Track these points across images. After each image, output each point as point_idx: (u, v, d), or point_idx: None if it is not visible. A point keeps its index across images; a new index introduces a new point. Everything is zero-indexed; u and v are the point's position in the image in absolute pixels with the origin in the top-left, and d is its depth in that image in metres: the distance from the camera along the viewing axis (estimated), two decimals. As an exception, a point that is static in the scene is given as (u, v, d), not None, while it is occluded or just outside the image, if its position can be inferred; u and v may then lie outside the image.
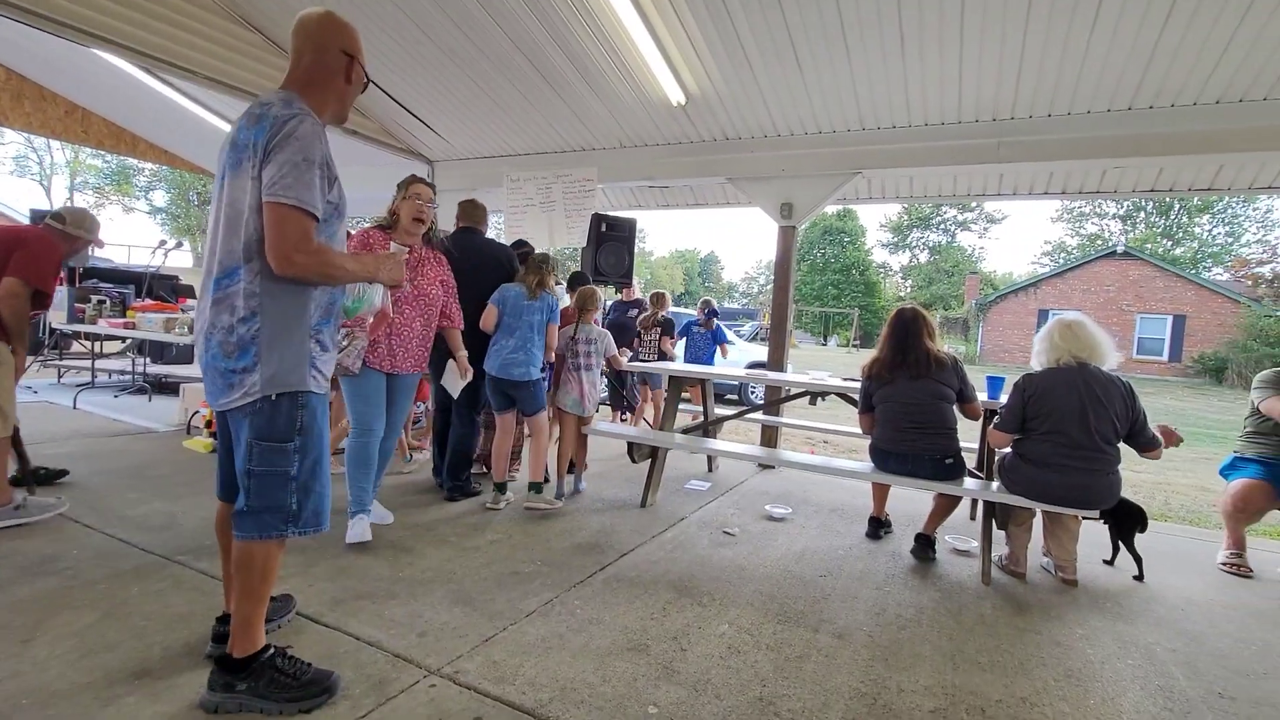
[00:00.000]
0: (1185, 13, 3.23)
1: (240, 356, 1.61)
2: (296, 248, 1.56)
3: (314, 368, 1.70)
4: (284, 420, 1.65)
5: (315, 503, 1.72)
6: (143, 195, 31.37)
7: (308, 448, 1.69)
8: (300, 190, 1.55)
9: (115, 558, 2.65)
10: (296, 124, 1.58)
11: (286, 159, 1.55)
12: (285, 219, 1.55)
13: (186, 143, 7.72)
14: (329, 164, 1.65)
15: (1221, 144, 3.91)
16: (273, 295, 1.61)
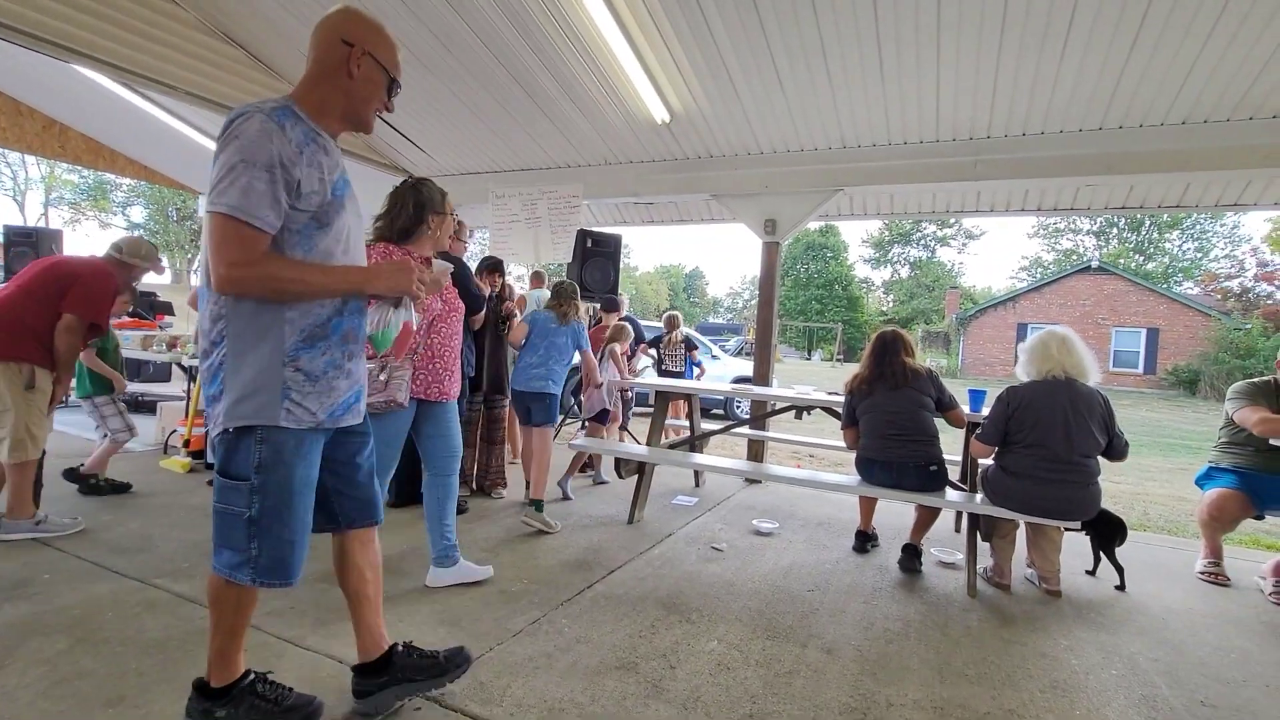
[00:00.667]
0: (1150, 39, 3.35)
1: (211, 383, 1.49)
2: (228, 261, 1.36)
3: (289, 399, 1.47)
4: (241, 456, 1.48)
5: (277, 550, 1.52)
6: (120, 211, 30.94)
7: (268, 488, 1.48)
8: (233, 196, 1.35)
9: (89, 581, 2.58)
10: (241, 123, 1.39)
11: (224, 162, 1.37)
12: (215, 230, 1.36)
13: (166, 158, 7.65)
14: (285, 165, 1.40)
15: (1188, 163, 4.04)
16: (237, 316, 1.45)
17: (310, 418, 1.51)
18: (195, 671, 1.96)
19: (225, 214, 1.35)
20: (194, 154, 7.11)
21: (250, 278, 1.38)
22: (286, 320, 1.46)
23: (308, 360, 1.49)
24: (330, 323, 1.53)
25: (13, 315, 2.85)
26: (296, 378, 1.48)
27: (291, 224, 1.44)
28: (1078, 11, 3.27)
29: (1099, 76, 3.69)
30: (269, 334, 1.45)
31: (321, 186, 1.47)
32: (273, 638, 2.21)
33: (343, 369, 1.57)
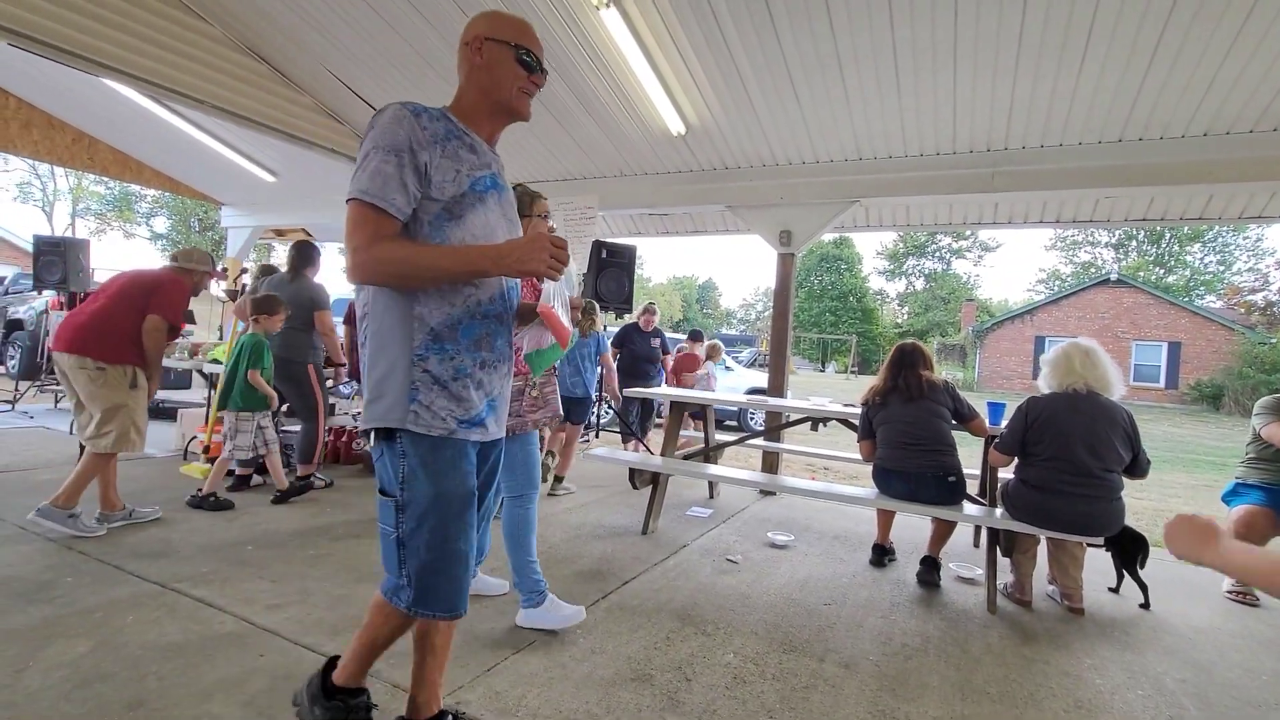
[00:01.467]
0: (1170, 51, 3.33)
1: (365, 381, 1.43)
2: (353, 246, 1.30)
3: (417, 400, 1.36)
4: (387, 467, 1.39)
5: (428, 577, 1.38)
6: (144, 221, 31.59)
7: (413, 505, 1.36)
8: (363, 180, 1.31)
9: (110, 585, 2.61)
10: (378, 115, 1.36)
11: (362, 150, 1.35)
12: (349, 217, 1.32)
13: (190, 170, 7.82)
14: (415, 149, 1.32)
15: (1210, 175, 3.99)
16: (375, 313, 1.40)
17: (442, 424, 1.37)
18: (215, 676, 1.98)
19: (355, 198, 1.31)
20: (217, 165, 7.27)
21: (371, 261, 1.30)
22: (415, 316, 1.37)
23: (436, 362, 1.38)
24: (460, 325, 1.40)
25: (111, 324, 3.15)
26: (425, 379, 1.37)
27: (424, 214, 1.36)
28: (1096, 23, 3.26)
29: (1118, 88, 3.67)
30: (399, 330, 1.38)
31: (457, 179, 1.38)
32: (289, 643, 2.22)
33: (473, 378, 1.43)
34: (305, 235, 9.59)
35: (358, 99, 5.41)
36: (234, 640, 2.22)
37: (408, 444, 1.36)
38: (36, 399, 7.40)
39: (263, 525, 3.51)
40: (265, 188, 7.65)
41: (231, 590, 2.62)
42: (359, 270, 1.31)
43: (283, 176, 7.32)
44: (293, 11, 4.48)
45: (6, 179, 31.23)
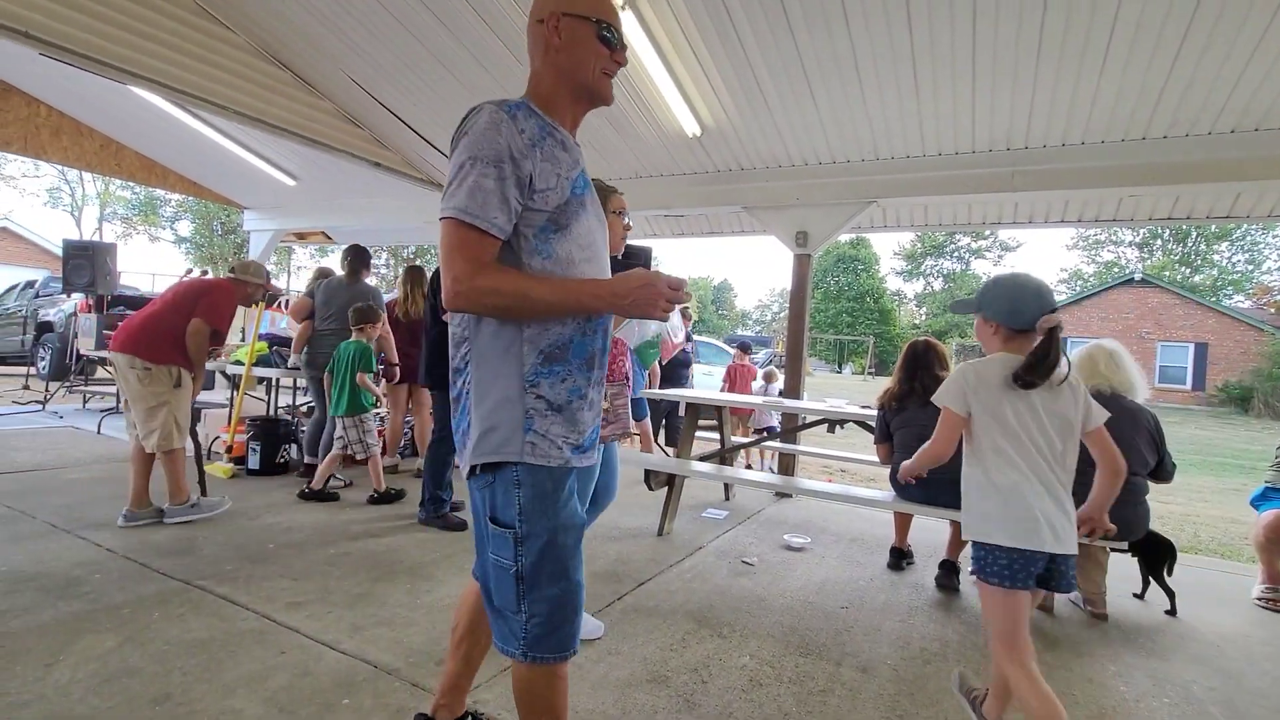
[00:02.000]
0: (1196, 46, 3.26)
1: (459, 415, 1.30)
2: (454, 274, 1.17)
3: (532, 430, 1.23)
4: (502, 499, 1.25)
5: (550, 615, 1.24)
6: (169, 225, 32.23)
7: (532, 537, 1.23)
8: (461, 197, 1.16)
9: (137, 582, 2.66)
10: (471, 118, 1.23)
11: (454, 162, 1.21)
12: (444, 237, 1.19)
13: (214, 174, 7.96)
14: (516, 158, 1.19)
15: (1238, 172, 3.91)
16: (479, 337, 1.25)
17: (558, 453, 1.25)
18: (237, 672, 2.02)
19: (453, 218, 1.17)
20: (239, 170, 7.40)
21: (473, 292, 1.17)
22: (525, 339, 1.24)
23: (549, 386, 1.25)
24: (571, 344, 1.27)
25: (161, 327, 3.38)
26: (539, 406, 1.24)
27: (526, 226, 1.23)
28: (1119, 20, 3.21)
29: (1142, 86, 3.60)
30: (509, 355, 1.24)
31: (559, 184, 1.26)
32: (309, 640, 2.26)
33: (586, 398, 1.31)
34: (325, 238, 9.73)
35: (376, 103, 5.47)
36: (256, 637, 2.26)
37: (524, 474, 1.23)
38: (66, 399, 7.58)
39: (284, 524, 3.56)
40: (286, 191, 7.77)
41: (254, 588, 2.67)
42: (460, 300, 1.18)
43: (302, 180, 7.43)
44: (314, 18, 4.55)
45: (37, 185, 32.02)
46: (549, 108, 1.34)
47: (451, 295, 1.18)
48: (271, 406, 5.81)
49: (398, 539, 3.44)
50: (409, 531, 3.58)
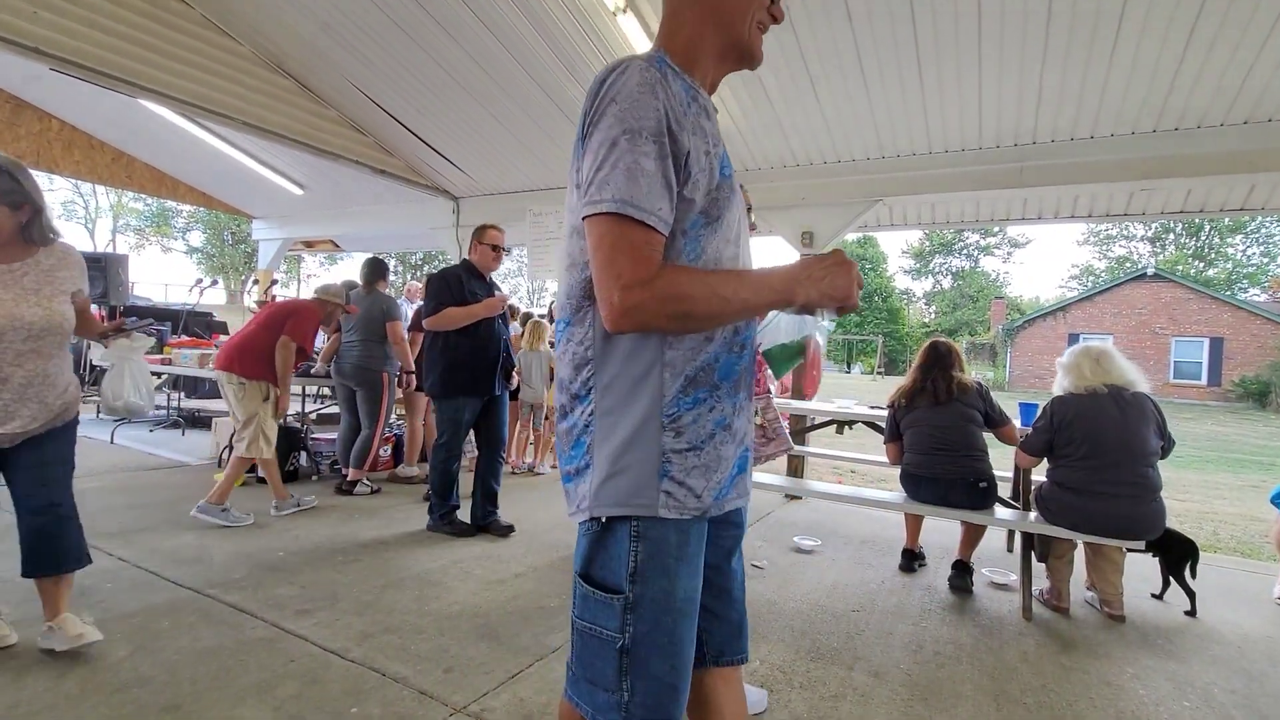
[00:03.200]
0: (1206, 36, 3.21)
1: (573, 450, 1.05)
2: (624, 281, 0.90)
3: (668, 477, 0.99)
4: (611, 557, 1.00)
5: (657, 695, 1.00)
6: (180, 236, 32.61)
7: (646, 605, 0.99)
8: (619, 183, 0.90)
9: (148, 591, 2.68)
10: (616, 79, 0.94)
11: (601, 139, 0.93)
12: (601, 240, 0.92)
13: (223, 185, 8.04)
14: (674, 130, 0.94)
15: (1252, 164, 3.84)
16: (609, 360, 1.00)
17: (695, 502, 1.01)
18: (246, 681, 2.02)
19: (613, 212, 0.90)
20: (248, 180, 7.47)
21: (650, 301, 0.90)
22: (666, 363, 0.99)
23: (690, 419, 1.01)
24: (718, 364, 1.03)
25: (256, 346, 3.74)
26: (676, 445, 1.00)
27: (678, 220, 0.97)
28: (1128, 9, 3.17)
29: (1152, 77, 3.55)
30: (646, 384, 0.99)
31: (709, 164, 1.00)
32: (317, 648, 2.25)
33: (731, 429, 1.06)
34: (334, 246, 9.79)
35: (381, 111, 5.50)
36: (265, 645, 2.26)
37: (644, 528, 0.99)
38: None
39: (293, 531, 3.57)
40: (293, 200, 7.83)
41: (263, 596, 2.68)
42: (634, 316, 0.90)
43: (310, 189, 7.49)
44: (318, 28, 4.58)
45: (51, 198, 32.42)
46: (689, 65, 1.07)
47: (621, 310, 0.90)
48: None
49: (406, 546, 3.44)
50: (418, 538, 3.58)
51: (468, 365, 3.58)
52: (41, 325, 1.99)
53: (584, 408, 1.03)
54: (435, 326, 3.58)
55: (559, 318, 1.08)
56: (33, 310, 1.98)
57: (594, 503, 1.01)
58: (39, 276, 2.04)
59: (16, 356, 1.97)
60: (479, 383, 3.62)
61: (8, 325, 1.93)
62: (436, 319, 3.56)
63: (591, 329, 1.01)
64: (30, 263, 2.03)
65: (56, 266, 2.09)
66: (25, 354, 1.99)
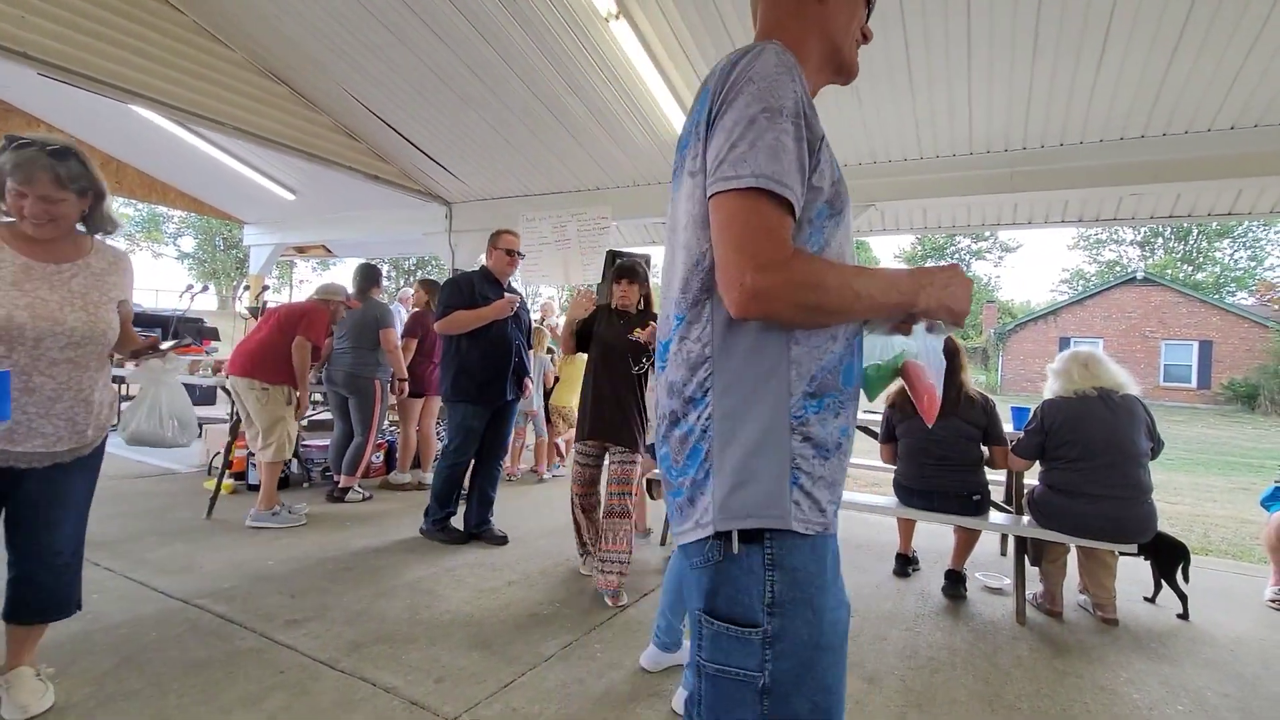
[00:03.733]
0: (1193, 42, 3.25)
1: (689, 459, 0.94)
2: (758, 261, 0.82)
3: (798, 486, 0.89)
4: (745, 583, 0.89)
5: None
6: (171, 241, 32.45)
7: (788, 639, 0.87)
8: (761, 159, 0.84)
9: (135, 602, 2.64)
10: (750, 61, 0.90)
11: (737, 118, 0.86)
12: (734, 217, 0.85)
13: (214, 190, 8.00)
14: (809, 116, 0.91)
15: (1239, 169, 3.88)
16: (730, 356, 0.91)
17: (820, 518, 0.92)
18: (235, 693, 1.99)
19: (753, 188, 0.83)
20: (239, 185, 7.43)
21: (785, 286, 0.83)
22: (793, 360, 0.91)
23: (819, 424, 0.92)
24: (842, 366, 0.95)
25: (274, 351, 3.78)
26: (804, 451, 0.90)
27: (804, 209, 0.92)
28: (1116, 15, 3.20)
29: (1139, 83, 3.59)
30: (771, 383, 0.90)
31: (831, 155, 0.98)
32: (307, 659, 2.23)
33: (851, 438, 1.00)
34: (326, 251, 9.76)
35: (373, 117, 5.49)
36: (254, 656, 2.23)
37: (779, 547, 0.88)
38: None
39: (284, 540, 3.54)
40: (285, 206, 7.80)
41: (252, 606, 2.65)
42: (766, 299, 0.83)
43: (302, 194, 7.46)
44: (310, 34, 4.57)
45: (41, 203, 32.17)
46: None
47: (752, 293, 0.82)
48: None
49: (399, 554, 3.41)
50: (410, 546, 3.55)
51: (477, 370, 3.53)
52: (84, 333, 1.77)
53: (700, 411, 0.93)
54: (444, 330, 3.55)
55: (669, 319, 0.98)
56: (77, 315, 1.76)
57: (719, 516, 0.89)
58: (88, 280, 1.82)
59: (50, 365, 1.73)
60: (487, 388, 3.57)
61: (48, 330, 1.71)
62: (445, 322, 3.51)
63: (710, 324, 0.93)
64: (81, 264, 1.82)
65: (108, 271, 1.88)
66: (60, 363, 1.75)
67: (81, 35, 4.05)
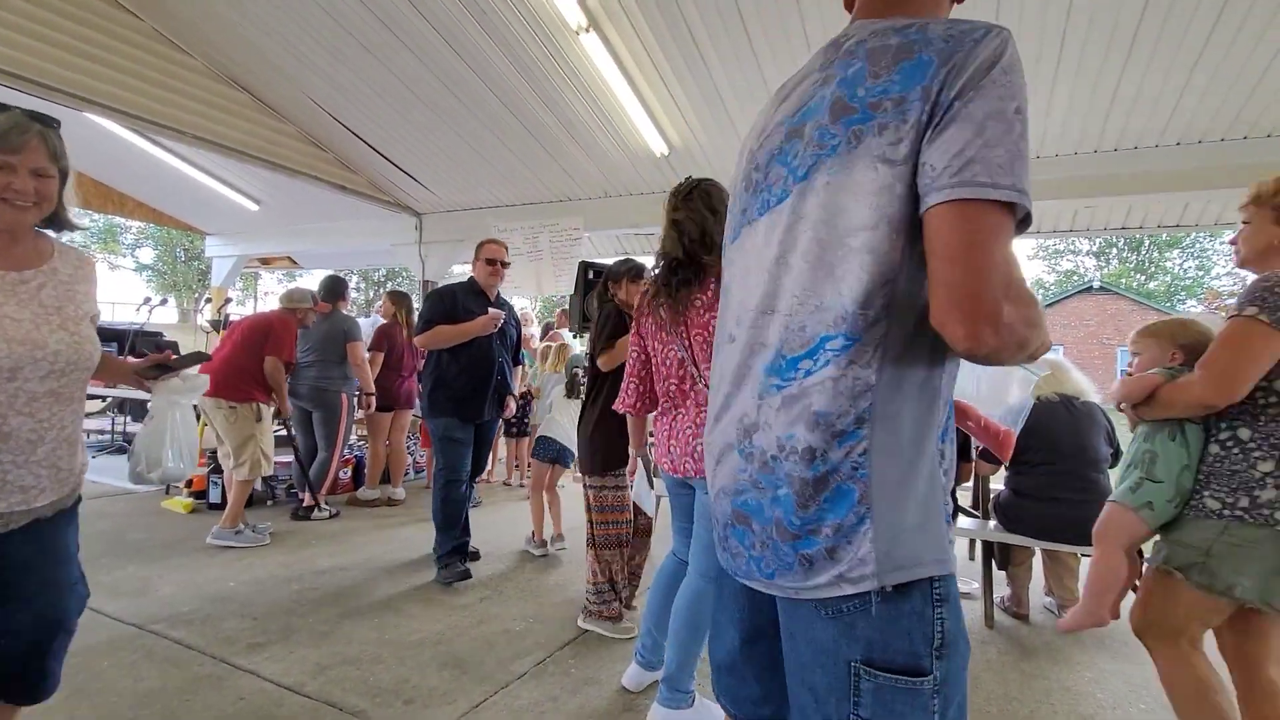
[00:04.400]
0: (1141, 61, 3.40)
1: (829, 505, 0.80)
2: (1010, 295, 0.71)
3: (948, 520, 0.86)
4: (915, 633, 0.80)
5: None
6: (129, 252, 31.43)
7: (951, 683, 0.81)
8: (1019, 171, 0.71)
9: (86, 629, 2.51)
10: (1001, 43, 0.75)
11: (990, 110, 0.71)
12: (993, 234, 0.71)
13: (175, 200, 7.78)
14: None
15: (1186, 183, 4.06)
16: (898, 388, 0.80)
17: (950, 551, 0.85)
18: (191, 722, 1.91)
19: (1011, 203, 0.71)
20: (201, 196, 7.25)
21: (1022, 325, 0.73)
22: (935, 389, 0.83)
23: (949, 452, 0.89)
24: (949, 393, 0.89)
25: (237, 368, 3.71)
26: (945, 483, 0.86)
27: None
28: (1067, 37, 3.33)
29: (1092, 99, 3.73)
30: (931, 417, 0.83)
31: None
32: (270, 684, 2.15)
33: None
34: (291, 263, 9.56)
35: (340, 126, 5.42)
36: (213, 683, 2.15)
37: (945, 585, 0.82)
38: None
39: (246, 560, 3.42)
40: (249, 216, 7.63)
41: (211, 630, 2.55)
42: (1008, 338, 0.72)
43: (266, 204, 7.30)
44: (274, 41, 4.49)
45: (-11, 213, 30.93)
46: None
47: (996, 329, 0.70)
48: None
49: (366, 572, 3.33)
50: (378, 563, 3.47)
51: (456, 386, 3.31)
52: (69, 358, 1.37)
53: (851, 446, 0.79)
54: (424, 345, 3.39)
55: (809, 334, 0.82)
56: (58, 336, 1.35)
57: (885, 567, 0.78)
58: (59, 291, 1.40)
59: (29, 401, 1.32)
60: (465, 405, 3.33)
61: (26, 357, 1.30)
62: (425, 336, 3.32)
63: (881, 349, 0.79)
64: (47, 271, 1.40)
65: (76, 279, 1.46)
66: (40, 397, 1.34)
67: (32, 40, 3.93)
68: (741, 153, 1.02)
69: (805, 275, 0.83)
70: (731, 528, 0.91)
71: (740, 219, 0.96)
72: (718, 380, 0.97)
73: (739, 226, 0.97)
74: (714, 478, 0.96)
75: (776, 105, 0.95)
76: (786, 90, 0.96)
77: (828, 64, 0.86)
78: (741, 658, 1.00)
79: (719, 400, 0.96)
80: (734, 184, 1.01)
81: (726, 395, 0.93)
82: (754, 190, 0.93)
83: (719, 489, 0.94)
